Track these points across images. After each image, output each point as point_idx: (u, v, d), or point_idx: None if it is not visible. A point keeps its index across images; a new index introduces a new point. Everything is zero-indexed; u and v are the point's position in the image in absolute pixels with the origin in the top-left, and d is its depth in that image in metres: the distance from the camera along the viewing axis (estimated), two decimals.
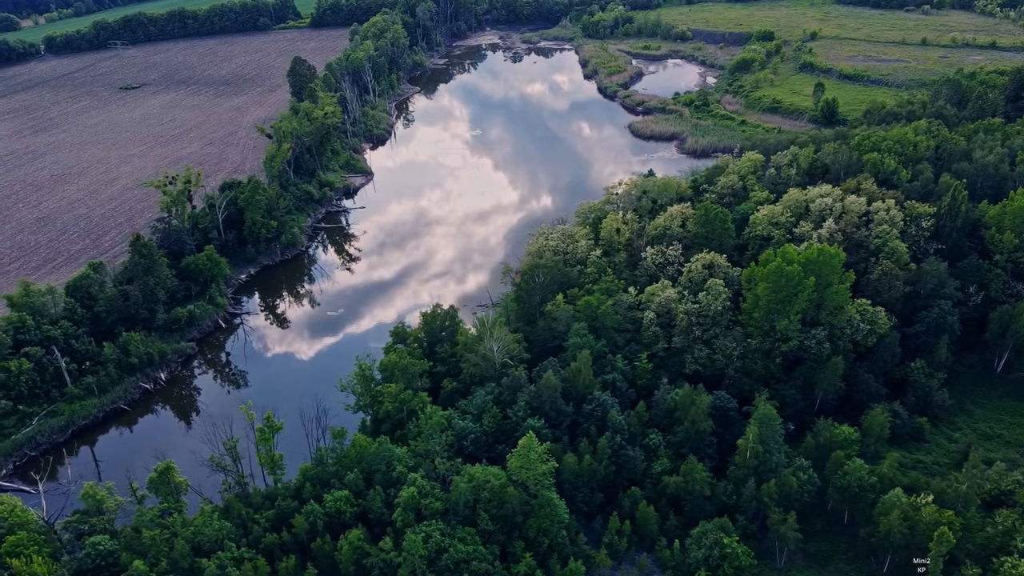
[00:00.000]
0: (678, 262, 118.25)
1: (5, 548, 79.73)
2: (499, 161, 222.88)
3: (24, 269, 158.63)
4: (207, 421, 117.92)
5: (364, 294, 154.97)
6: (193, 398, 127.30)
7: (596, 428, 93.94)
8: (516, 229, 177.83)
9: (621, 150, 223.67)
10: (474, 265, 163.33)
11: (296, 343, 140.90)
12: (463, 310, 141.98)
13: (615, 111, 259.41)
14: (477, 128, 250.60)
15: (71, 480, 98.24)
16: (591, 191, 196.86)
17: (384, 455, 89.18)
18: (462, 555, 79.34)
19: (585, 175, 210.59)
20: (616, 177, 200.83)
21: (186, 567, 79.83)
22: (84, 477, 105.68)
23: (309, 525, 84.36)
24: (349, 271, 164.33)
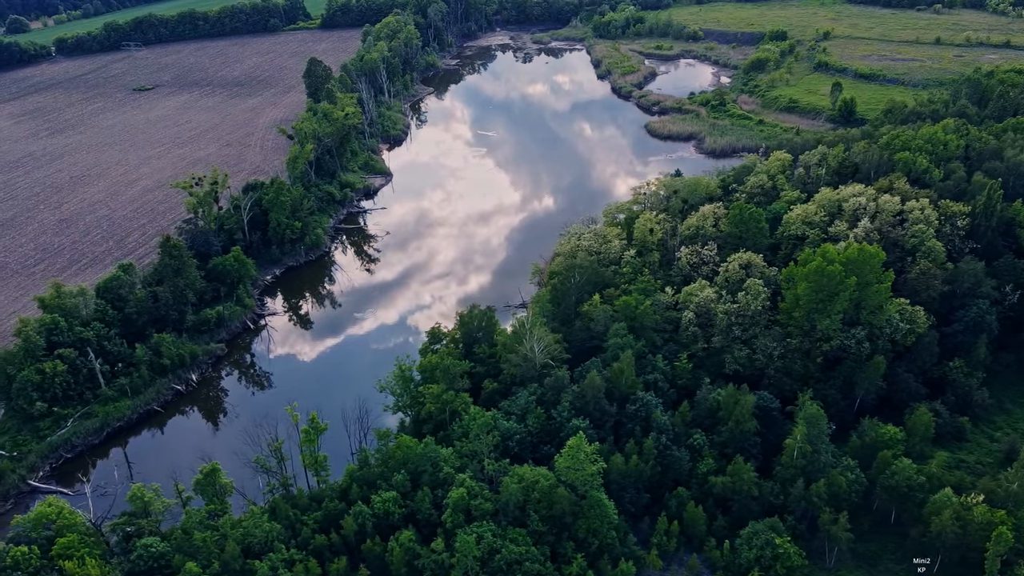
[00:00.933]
0: (713, 262, 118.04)
1: (56, 550, 79.65)
2: (517, 162, 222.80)
3: (50, 271, 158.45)
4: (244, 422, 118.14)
5: (389, 295, 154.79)
6: (225, 399, 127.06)
7: (641, 428, 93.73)
8: (539, 229, 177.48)
9: (639, 150, 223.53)
10: (499, 265, 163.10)
11: (324, 344, 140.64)
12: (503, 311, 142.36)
13: (630, 111, 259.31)
14: (493, 130, 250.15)
15: (117, 482, 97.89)
16: (612, 191, 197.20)
17: (431, 456, 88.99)
18: (514, 556, 79.17)
19: (605, 175, 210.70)
20: (636, 177, 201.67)
21: (237, 569, 79.68)
22: (119, 479, 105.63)
23: (358, 526, 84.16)
24: (373, 272, 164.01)
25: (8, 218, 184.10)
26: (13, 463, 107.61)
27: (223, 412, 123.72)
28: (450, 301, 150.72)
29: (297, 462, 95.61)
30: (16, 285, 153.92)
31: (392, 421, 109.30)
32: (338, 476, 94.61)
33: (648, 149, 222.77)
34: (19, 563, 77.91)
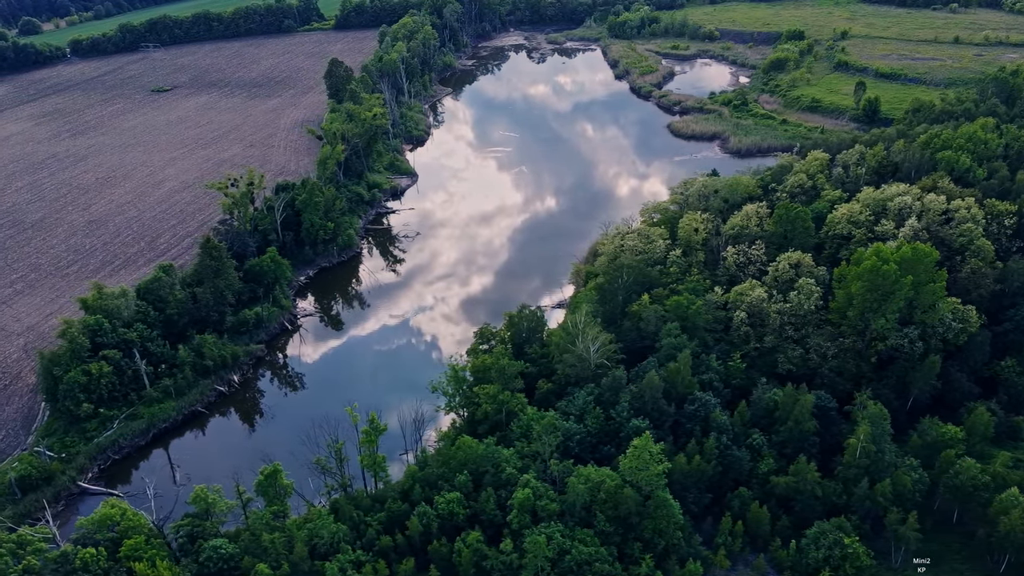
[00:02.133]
0: (760, 261, 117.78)
1: (124, 552, 79.37)
2: (542, 162, 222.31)
3: (83, 272, 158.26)
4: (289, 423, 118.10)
5: (423, 295, 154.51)
6: (268, 400, 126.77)
7: (700, 428, 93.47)
8: (568, 229, 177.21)
9: (663, 150, 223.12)
10: (530, 265, 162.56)
11: (362, 345, 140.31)
12: None
13: (650, 111, 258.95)
14: (515, 130, 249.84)
15: (178, 483, 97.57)
16: (641, 191, 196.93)
17: (492, 457, 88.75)
18: (584, 556, 78.92)
19: (632, 174, 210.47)
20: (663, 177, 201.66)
21: (306, 570, 79.44)
22: (180, 480, 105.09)
23: (423, 527, 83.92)
24: (405, 273, 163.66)
25: (37, 219, 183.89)
26: (63, 465, 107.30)
27: (267, 413, 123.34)
28: (485, 301, 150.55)
29: (351, 463, 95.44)
30: (51, 286, 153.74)
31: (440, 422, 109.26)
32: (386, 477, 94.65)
33: (672, 149, 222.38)
34: (88, 565, 77.65)
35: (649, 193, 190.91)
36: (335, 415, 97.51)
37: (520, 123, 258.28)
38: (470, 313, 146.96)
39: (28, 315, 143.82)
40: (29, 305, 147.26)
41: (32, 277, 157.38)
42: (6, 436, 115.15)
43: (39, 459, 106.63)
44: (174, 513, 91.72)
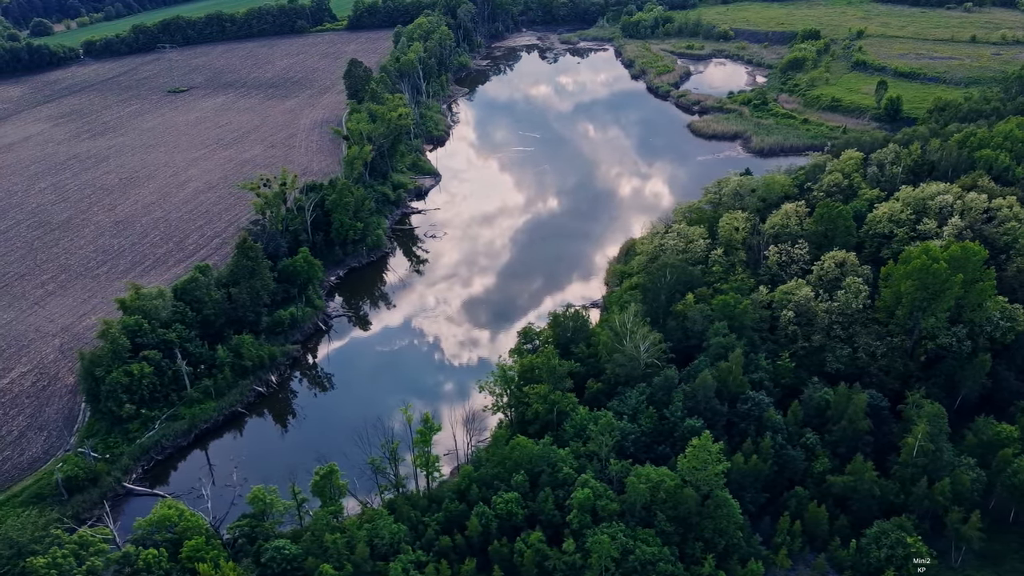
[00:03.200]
0: (803, 260, 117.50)
1: (186, 552, 79.10)
2: (564, 162, 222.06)
3: (113, 273, 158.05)
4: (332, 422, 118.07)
5: (454, 295, 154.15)
6: (306, 400, 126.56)
7: (755, 428, 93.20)
8: (595, 228, 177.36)
9: (685, 150, 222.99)
10: (564, 265, 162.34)
11: (396, 345, 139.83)
12: None
13: (670, 111, 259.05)
14: (534, 130, 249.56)
15: (236, 484, 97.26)
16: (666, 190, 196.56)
17: (549, 457, 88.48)
18: (648, 556, 78.64)
19: (654, 174, 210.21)
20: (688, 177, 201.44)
21: (368, 570, 79.16)
22: (238, 480, 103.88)
23: (482, 527, 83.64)
24: (434, 273, 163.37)
25: (64, 220, 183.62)
26: (108, 465, 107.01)
27: (307, 413, 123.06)
28: (515, 300, 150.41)
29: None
30: (82, 287, 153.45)
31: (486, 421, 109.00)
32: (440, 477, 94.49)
33: (694, 148, 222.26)
34: (150, 566, 77.38)
35: (674, 193, 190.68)
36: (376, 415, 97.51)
37: (539, 123, 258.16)
38: (503, 312, 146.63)
39: (62, 316, 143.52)
40: (62, 306, 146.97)
41: (63, 278, 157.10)
42: (48, 437, 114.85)
43: (84, 460, 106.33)
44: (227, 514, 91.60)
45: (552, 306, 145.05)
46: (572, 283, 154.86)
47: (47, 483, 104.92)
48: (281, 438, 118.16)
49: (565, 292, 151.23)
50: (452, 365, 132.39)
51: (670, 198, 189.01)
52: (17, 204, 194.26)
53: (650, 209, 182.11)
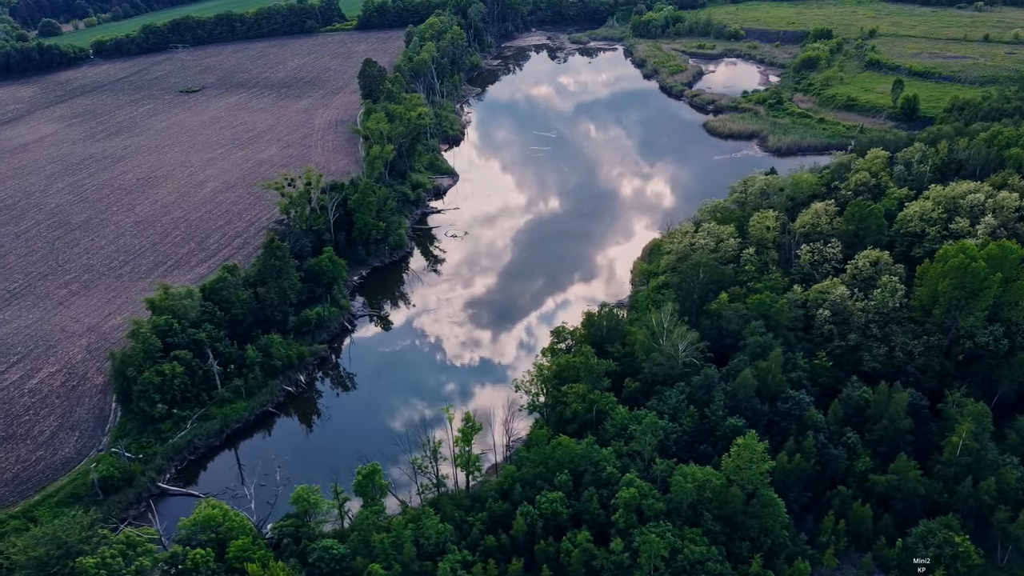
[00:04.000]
0: (836, 259, 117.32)
1: (233, 552, 78.87)
2: (581, 161, 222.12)
3: (136, 272, 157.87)
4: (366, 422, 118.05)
5: (478, 295, 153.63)
6: (336, 400, 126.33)
7: (796, 427, 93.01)
8: (618, 228, 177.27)
9: (701, 149, 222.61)
10: (586, 265, 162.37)
11: (421, 344, 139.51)
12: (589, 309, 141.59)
13: (684, 110, 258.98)
14: (549, 130, 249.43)
15: (279, 484, 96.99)
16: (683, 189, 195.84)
17: (592, 456, 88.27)
18: (696, 556, 78.44)
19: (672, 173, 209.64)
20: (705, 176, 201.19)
21: (416, 570, 78.95)
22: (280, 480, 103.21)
23: (527, 527, 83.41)
24: (457, 273, 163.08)
25: (83, 220, 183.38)
26: (142, 466, 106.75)
27: (337, 413, 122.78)
28: (539, 300, 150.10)
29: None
30: (106, 287, 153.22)
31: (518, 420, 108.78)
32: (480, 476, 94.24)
33: (711, 148, 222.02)
34: (198, 566, 77.14)
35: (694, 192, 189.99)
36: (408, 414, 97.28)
37: (553, 122, 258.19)
38: (526, 312, 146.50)
39: (87, 316, 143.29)
40: (86, 306, 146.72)
41: (86, 278, 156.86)
42: (80, 437, 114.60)
43: (118, 460, 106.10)
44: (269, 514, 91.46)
45: (575, 306, 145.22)
46: (596, 282, 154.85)
47: (82, 483, 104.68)
48: (314, 438, 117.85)
49: (589, 291, 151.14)
50: (479, 365, 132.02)
51: (690, 197, 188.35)
52: (36, 204, 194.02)
53: (670, 208, 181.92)
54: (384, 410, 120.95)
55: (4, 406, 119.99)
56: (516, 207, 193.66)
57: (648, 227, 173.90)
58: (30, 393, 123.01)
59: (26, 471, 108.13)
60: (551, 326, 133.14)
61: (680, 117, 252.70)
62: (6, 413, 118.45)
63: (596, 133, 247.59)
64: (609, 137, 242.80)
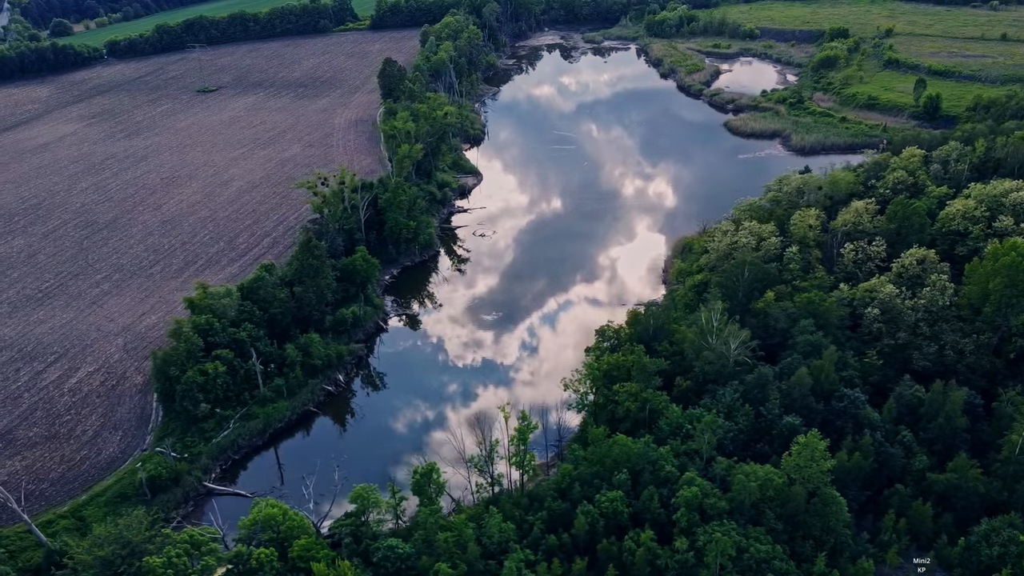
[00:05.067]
0: (879, 258, 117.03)
1: (296, 552, 78.58)
2: (604, 159, 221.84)
3: (167, 272, 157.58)
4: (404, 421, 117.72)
5: (511, 294, 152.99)
6: (376, 399, 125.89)
7: (852, 425, 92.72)
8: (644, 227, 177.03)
9: (724, 148, 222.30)
10: (615, 264, 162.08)
11: (457, 344, 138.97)
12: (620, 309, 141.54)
13: (703, 109, 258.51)
14: (568, 129, 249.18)
15: (336, 483, 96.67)
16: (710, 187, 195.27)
17: (650, 455, 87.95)
18: (762, 555, 78.13)
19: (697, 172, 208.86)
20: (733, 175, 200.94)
21: (481, 569, 78.64)
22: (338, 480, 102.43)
23: (589, 526, 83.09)
24: (487, 271, 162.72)
25: (110, 219, 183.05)
26: (188, 465, 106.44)
27: (377, 412, 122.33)
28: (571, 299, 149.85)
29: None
30: (138, 286, 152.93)
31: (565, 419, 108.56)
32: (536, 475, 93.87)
33: (734, 147, 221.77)
34: (263, 565, 76.82)
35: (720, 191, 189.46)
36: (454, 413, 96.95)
37: (572, 121, 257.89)
38: (563, 310, 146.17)
39: (121, 315, 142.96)
40: (120, 305, 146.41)
41: (117, 277, 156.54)
42: (123, 437, 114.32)
43: (165, 459, 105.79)
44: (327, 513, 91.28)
45: (609, 304, 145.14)
46: (627, 281, 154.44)
47: (129, 483, 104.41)
48: (357, 437, 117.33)
49: (622, 290, 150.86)
50: (514, 363, 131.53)
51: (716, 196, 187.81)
52: (61, 204, 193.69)
53: (697, 207, 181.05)
54: (423, 409, 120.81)
55: (45, 405, 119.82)
56: (541, 206, 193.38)
57: (674, 225, 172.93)
58: (70, 392, 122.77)
59: (71, 470, 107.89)
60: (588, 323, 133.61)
61: (700, 116, 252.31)
62: (48, 412, 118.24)
63: (616, 132, 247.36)
64: (630, 136, 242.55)
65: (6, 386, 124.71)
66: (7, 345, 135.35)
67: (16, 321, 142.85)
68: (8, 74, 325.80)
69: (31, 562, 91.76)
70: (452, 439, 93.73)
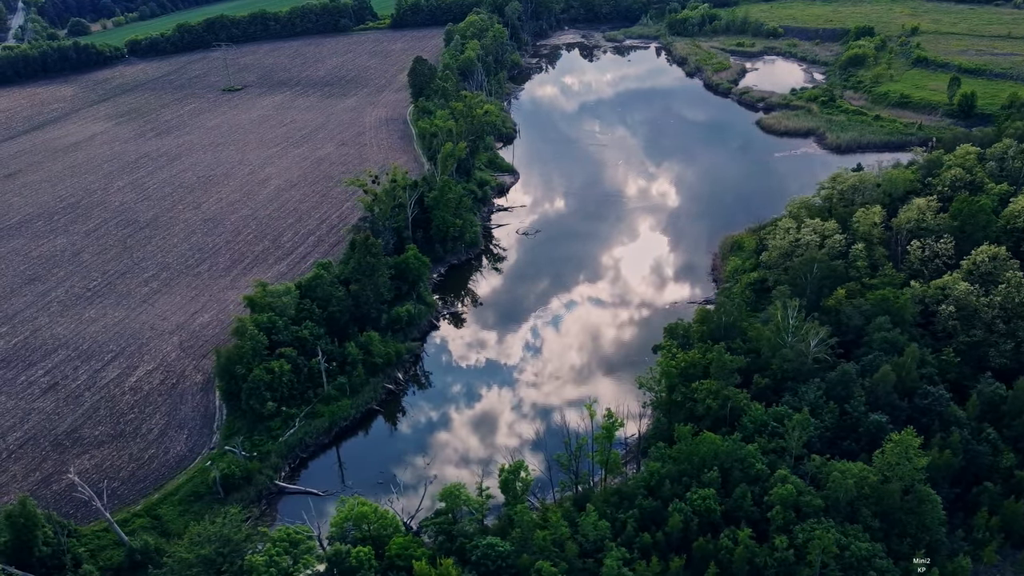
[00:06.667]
0: (947, 255, 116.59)
1: (394, 550, 78.14)
2: (639, 157, 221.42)
3: (215, 270, 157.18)
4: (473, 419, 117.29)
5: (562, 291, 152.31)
6: (436, 397, 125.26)
7: (938, 423, 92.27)
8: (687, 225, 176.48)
9: (758, 147, 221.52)
10: (662, 262, 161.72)
11: (510, 343, 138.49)
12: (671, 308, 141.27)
13: (732, 108, 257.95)
14: (598, 126, 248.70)
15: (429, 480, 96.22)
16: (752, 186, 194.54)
17: (739, 453, 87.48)
18: (864, 553, 77.67)
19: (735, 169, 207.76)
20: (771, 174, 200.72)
21: (579, 568, 78.19)
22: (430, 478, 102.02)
23: (683, 524, 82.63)
24: (536, 270, 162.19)
25: (151, 218, 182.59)
26: (259, 464, 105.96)
27: (439, 411, 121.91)
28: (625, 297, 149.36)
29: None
30: (186, 285, 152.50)
31: None
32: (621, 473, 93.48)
33: (768, 145, 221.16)
34: (362, 563, 76.33)
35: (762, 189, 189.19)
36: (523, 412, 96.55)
37: (602, 119, 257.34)
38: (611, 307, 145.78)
39: (173, 314, 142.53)
40: (171, 304, 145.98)
41: (164, 276, 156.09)
42: (189, 435, 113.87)
43: (236, 458, 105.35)
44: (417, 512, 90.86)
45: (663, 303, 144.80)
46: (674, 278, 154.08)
47: (201, 481, 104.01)
48: (421, 435, 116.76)
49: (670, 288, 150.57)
50: (576, 360, 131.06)
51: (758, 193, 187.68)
52: (99, 203, 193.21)
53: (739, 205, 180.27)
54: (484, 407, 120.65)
55: (108, 404, 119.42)
56: (580, 204, 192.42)
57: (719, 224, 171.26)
58: (131, 391, 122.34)
59: (141, 469, 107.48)
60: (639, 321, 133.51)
61: (730, 115, 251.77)
62: (111, 411, 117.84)
63: (648, 129, 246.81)
64: (663, 133, 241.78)
65: (66, 384, 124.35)
66: (62, 344, 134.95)
67: (68, 320, 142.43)
68: (31, 73, 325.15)
69: (112, 561, 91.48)
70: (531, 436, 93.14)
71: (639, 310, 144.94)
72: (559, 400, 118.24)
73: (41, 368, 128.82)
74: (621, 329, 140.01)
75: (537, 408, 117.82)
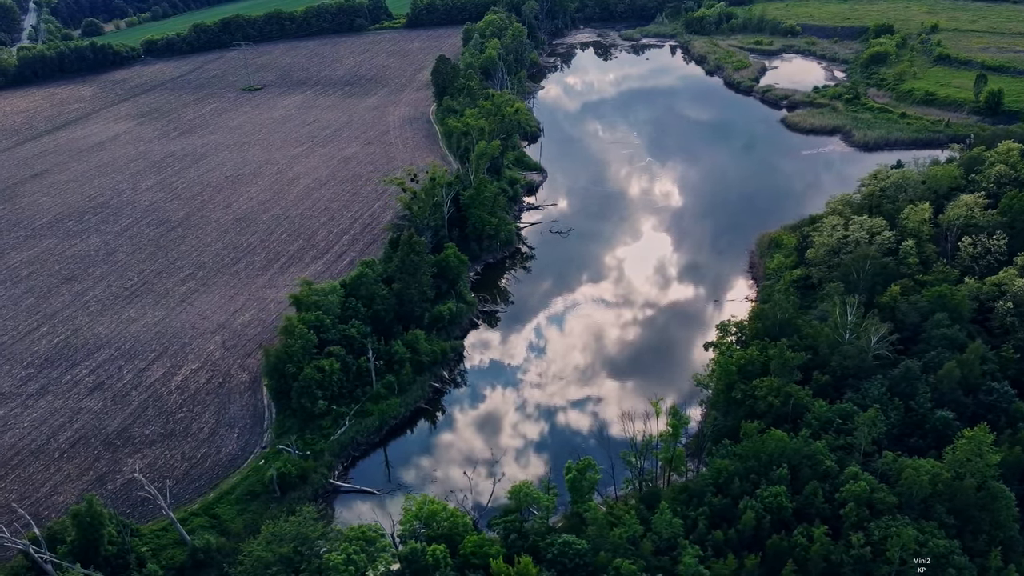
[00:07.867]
0: (999, 251, 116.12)
1: (468, 549, 77.75)
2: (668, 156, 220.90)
3: (252, 270, 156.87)
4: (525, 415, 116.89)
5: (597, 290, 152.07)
6: (484, 396, 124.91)
7: (1004, 419, 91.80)
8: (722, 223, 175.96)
9: (786, 145, 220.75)
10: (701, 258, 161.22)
11: (557, 340, 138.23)
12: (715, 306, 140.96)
13: (755, 106, 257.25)
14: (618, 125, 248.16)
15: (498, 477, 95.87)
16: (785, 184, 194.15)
17: (806, 450, 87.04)
18: (942, 549, 77.17)
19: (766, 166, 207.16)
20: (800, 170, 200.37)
21: (655, 565, 77.76)
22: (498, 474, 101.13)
23: (755, 521, 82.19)
24: (571, 269, 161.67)
25: (182, 217, 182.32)
26: (314, 463, 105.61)
27: (487, 409, 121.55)
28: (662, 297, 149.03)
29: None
30: (224, 284, 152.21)
31: None
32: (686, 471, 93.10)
33: (795, 143, 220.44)
34: (438, 562, 75.95)
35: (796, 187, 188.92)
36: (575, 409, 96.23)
37: (625, 118, 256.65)
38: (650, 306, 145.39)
39: (214, 313, 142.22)
40: (210, 303, 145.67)
41: (201, 275, 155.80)
42: (240, 434, 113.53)
43: (291, 456, 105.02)
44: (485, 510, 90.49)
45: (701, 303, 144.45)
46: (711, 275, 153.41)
47: (256, 480, 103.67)
48: (470, 434, 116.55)
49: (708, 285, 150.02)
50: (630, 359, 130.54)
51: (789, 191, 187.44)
52: (129, 202, 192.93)
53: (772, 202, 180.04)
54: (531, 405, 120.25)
55: (156, 403, 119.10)
56: (610, 203, 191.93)
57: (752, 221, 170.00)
58: (178, 390, 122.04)
59: (195, 468, 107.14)
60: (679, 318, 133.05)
61: (754, 113, 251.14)
62: (160, 411, 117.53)
63: (674, 127, 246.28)
64: (688, 131, 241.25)
65: (112, 384, 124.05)
66: (105, 343, 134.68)
67: (108, 319, 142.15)
68: (48, 73, 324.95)
69: (174, 561, 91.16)
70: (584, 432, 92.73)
71: (680, 307, 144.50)
72: (600, 397, 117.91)
73: (85, 367, 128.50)
74: (665, 326, 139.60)
75: (584, 406, 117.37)
